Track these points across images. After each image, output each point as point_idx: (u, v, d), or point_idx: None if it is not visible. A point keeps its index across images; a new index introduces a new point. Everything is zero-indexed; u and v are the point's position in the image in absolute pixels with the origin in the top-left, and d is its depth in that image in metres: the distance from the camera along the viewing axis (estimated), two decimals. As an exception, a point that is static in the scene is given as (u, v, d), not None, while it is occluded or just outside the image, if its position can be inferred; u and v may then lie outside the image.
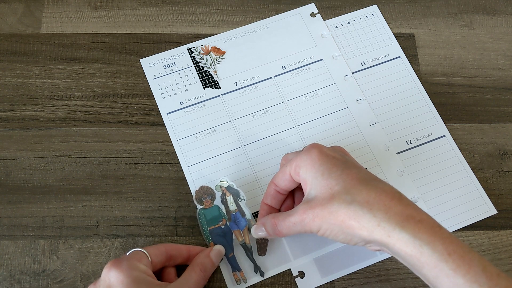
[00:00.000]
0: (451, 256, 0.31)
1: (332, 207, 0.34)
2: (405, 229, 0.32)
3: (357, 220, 0.33)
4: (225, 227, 0.43)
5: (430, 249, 0.31)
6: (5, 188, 0.45)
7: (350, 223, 0.34)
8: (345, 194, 0.34)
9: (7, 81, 0.49)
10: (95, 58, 0.50)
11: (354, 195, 0.34)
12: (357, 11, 0.53)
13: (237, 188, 0.44)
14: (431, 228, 0.32)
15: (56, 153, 0.46)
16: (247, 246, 0.43)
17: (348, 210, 0.34)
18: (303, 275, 0.43)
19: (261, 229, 0.40)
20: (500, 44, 0.53)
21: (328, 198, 0.35)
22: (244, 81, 0.49)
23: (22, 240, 0.43)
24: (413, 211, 0.33)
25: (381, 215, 0.33)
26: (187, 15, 0.53)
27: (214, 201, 0.44)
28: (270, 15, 0.53)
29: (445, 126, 0.48)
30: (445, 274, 0.31)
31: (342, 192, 0.35)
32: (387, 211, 0.33)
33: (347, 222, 0.34)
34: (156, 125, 0.48)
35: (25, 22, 0.51)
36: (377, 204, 0.33)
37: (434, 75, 0.51)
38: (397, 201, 0.34)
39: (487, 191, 0.46)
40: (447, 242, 0.32)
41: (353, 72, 0.50)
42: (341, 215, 0.34)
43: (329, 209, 0.35)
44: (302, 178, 0.37)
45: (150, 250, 0.39)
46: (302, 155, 0.38)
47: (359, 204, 0.34)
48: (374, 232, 0.33)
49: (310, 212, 0.36)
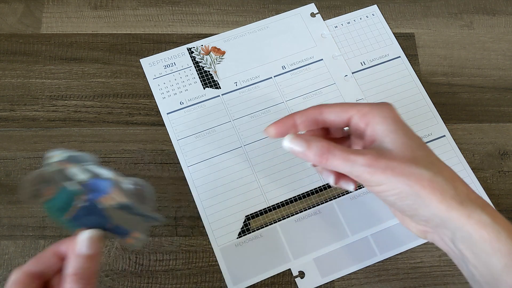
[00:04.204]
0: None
1: (416, 169, 0.32)
2: (485, 212, 0.31)
3: (441, 193, 0.31)
4: (86, 203, 0.33)
5: (508, 236, 0.30)
6: (5, 188, 0.45)
7: (432, 193, 0.31)
8: (430, 164, 0.32)
9: (7, 81, 0.49)
10: (95, 58, 0.50)
11: (440, 168, 0.32)
12: (357, 11, 0.53)
13: (77, 154, 0.34)
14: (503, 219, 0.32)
15: (56, 153, 0.46)
16: (125, 204, 0.34)
17: (434, 179, 0.31)
18: (303, 275, 0.43)
19: (301, 144, 0.34)
20: (500, 44, 0.53)
21: (411, 159, 0.32)
22: (244, 81, 0.49)
23: (22, 240, 0.43)
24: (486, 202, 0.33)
25: (464, 195, 0.32)
26: (187, 15, 0.53)
27: (57, 185, 0.33)
28: (270, 15, 0.53)
29: (445, 126, 0.48)
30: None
31: (427, 161, 0.32)
32: (468, 193, 0.32)
33: (428, 190, 0.31)
34: (156, 125, 0.48)
35: (25, 22, 0.51)
36: (460, 185, 0.32)
37: (434, 75, 0.51)
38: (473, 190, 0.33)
39: (487, 191, 0.46)
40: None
41: (353, 72, 0.50)
42: (425, 181, 0.31)
43: (411, 169, 0.32)
44: (374, 128, 0.34)
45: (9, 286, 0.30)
46: (380, 106, 0.34)
47: (445, 179, 0.32)
48: (454, 209, 0.31)
49: (383, 162, 0.32)
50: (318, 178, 0.46)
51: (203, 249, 0.43)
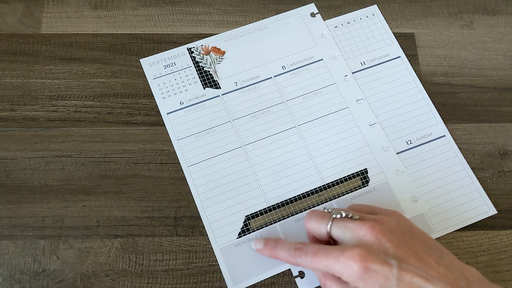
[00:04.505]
0: None
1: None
2: None
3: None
4: None
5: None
6: (5, 188, 0.45)
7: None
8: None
9: (7, 81, 0.49)
10: (95, 58, 0.50)
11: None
12: (357, 11, 0.53)
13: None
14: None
15: (56, 153, 0.46)
16: None
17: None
18: (303, 275, 0.43)
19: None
20: (500, 44, 0.53)
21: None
22: (244, 81, 0.49)
23: (22, 240, 0.43)
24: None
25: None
26: (187, 15, 0.53)
27: None
28: (270, 15, 0.53)
29: (445, 126, 0.48)
30: None
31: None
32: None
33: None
34: (156, 125, 0.48)
35: (25, 22, 0.51)
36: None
37: (434, 75, 0.51)
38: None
39: (487, 191, 0.46)
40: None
41: (353, 72, 0.50)
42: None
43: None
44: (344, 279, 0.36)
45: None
46: (341, 260, 0.35)
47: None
48: None
49: None
50: (318, 178, 0.46)
51: (203, 249, 0.43)
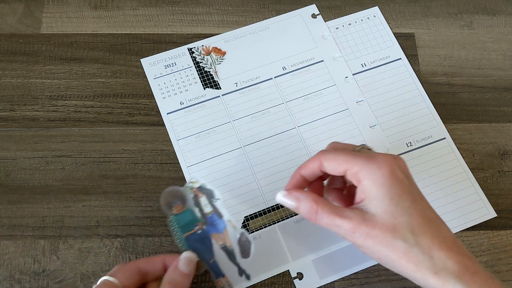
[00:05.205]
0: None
1: (393, 240, 0.33)
2: (461, 281, 0.32)
3: (416, 264, 0.33)
4: (202, 232, 0.40)
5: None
6: (5, 188, 0.45)
7: (407, 264, 0.33)
8: (410, 233, 0.33)
9: (7, 81, 0.49)
10: (95, 58, 0.50)
11: (419, 237, 0.33)
12: (358, 13, 0.53)
13: (210, 188, 0.41)
14: (485, 281, 0.32)
15: (56, 153, 0.46)
16: (229, 249, 0.40)
17: (409, 251, 0.33)
18: (302, 276, 0.43)
19: (293, 202, 0.37)
20: (500, 44, 0.53)
21: (390, 228, 0.34)
22: (244, 81, 0.49)
23: (22, 240, 0.43)
24: (469, 261, 0.33)
25: (441, 264, 0.33)
26: (187, 15, 0.53)
27: (185, 205, 0.40)
28: (270, 15, 0.53)
29: (445, 129, 0.48)
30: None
31: (407, 229, 0.33)
32: (446, 261, 0.33)
33: (403, 261, 0.33)
34: (156, 125, 0.48)
35: (25, 22, 0.51)
36: (438, 252, 0.33)
37: (434, 75, 0.51)
38: (455, 250, 0.33)
39: (487, 191, 0.46)
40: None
41: (354, 74, 0.50)
42: (399, 253, 0.33)
43: (388, 240, 0.33)
44: (363, 189, 0.35)
45: (120, 274, 0.36)
46: (372, 165, 0.35)
47: (421, 249, 0.33)
48: (430, 279, 0.33)
49: (364, 229, 0.34)
50: (318, 179, 0.46)
51: (203, 250, 0.44)
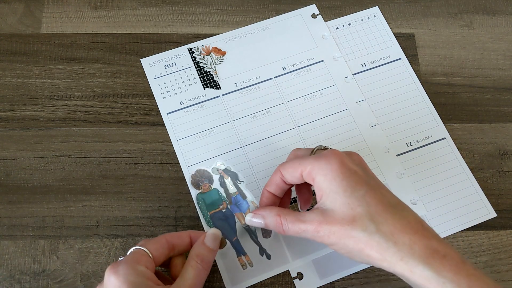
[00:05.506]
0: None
1: (353, 231, 0.33)
2: (429, 265, 0.31)
3: (379, 252, 0.32)
4: (226, 210, 0.43)
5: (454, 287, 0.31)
6: (5, 188, 0.45)
7: (371, 253, 0.33)
8: (369, 221, 0.33)
9: (7, 81, 0.49)
10: (95, 58, 0.50)
11: (379, 224, 0.33)
12: (358, 13, 0.53)
13: (234, 171, 0.44)
14: (455, 264, 0.31)
15: (56, 153, 0.46)
16: (251, 229, 0.42)
17: (371, 240, 0.33)
18: (302, 276, 0.43)
19: (259, 220, 0.38)
20: (500, 44, 0.53)
21: (349, 220, 0.33)
22: (244, 81, 0.49)
23: (22, 240, 0.43)
24: (438, 245, 0.32)
25: (406, 249, 0.32)
26: (187, 15, 0.53)
27: (212, 185, 0.43)
28: (270, 15, 0.53)
29: (445, 129, 0.48)
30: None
31: (366, 218, 0.33)
32: (411, 245, 0.32)
33: (367, 251, 0.33)
34: (156, 125, 0.48)
35: (25, 22, 0.51)
36: (402, 237, 0.32)
37: (434, 75, 0.51)
38: (421, 233, 0.32)
39: (487, 191, 0.46)
40: (473, 280, 0.31)
41: (354, 74, 0.50)
42: (361, 243, 0.33)
43: (348, 232, 0.33)
44: (318, 186, 0.35)
45: (150, 245, 0.37)
46: (321, 161, 0.35)
47: (383, 236, 0.32)
48: (396, 265, 0.32)
49: (326, 228, 0.34)
50: (318, 179, 0.46)
51: (203, 250, 0.44)
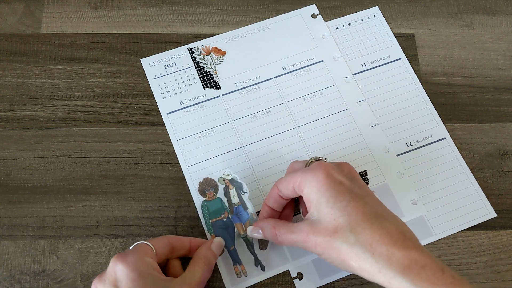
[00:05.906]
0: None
1: (335, 242, 0.34)
2: (407, 277, 0.31)
3: (358, 262, 0.33)
4: (227, 220, 0.43)
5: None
6: (5, 188, 0.45)
7: (351, 264, 0.34)
8: (349, 232, 0.34)
9: (7, 81, 0.49)
10: (95, 58, 0.50)
11: (358, 235, 0.33)
12: (358, 13, 0.53)
13: (240, 181, 0.45)
14: (433, 274, 0.31)
15: (56, 153, 0.46)
16: (249, 239, 0.43)
17: (350, 251, 0.33)
18: (302, 276, 0.43)
19: (258, 232, 0.40)
20: (500, 44, 0.53)
21: (332, 231, 0.34)
22: (244, 81, 0.49)
23: (22, 240, 0.43)
24: (417, 255, 0.32)
25: (383, 261, 0.32)
26: (187, 15, 0.53)
27: (217, 194, 0.44)
28: (270, 15, 0.53)
29: (445, 129, 0.48)
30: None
31: (346, 229, 0.34)
32: (389, 256, 0.32)
33: (348, 261, 0.34)
34: (156, 125, 0.48)
35: (25, 22, 0.51)
36: (379, 248, 0.33)
37: (434, 75, 0.51)
38: (401, 244, 0.33)
39: (487, 191, 0.46)
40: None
41: (354, 74, 0.50)
42: (343, 254, 0.34)
43: (332, 244, 0.34)
44: (306, 197, 0.37)
45: (154, 242, 0.38)
46: (308, 173, 0.37)
47: (361, 246, 0.33)
48: (375, 276, 0.33)
49: (313, 238, 0.35)
50: (318, 179, 0.46)
51: (203, 250, 0.44)
